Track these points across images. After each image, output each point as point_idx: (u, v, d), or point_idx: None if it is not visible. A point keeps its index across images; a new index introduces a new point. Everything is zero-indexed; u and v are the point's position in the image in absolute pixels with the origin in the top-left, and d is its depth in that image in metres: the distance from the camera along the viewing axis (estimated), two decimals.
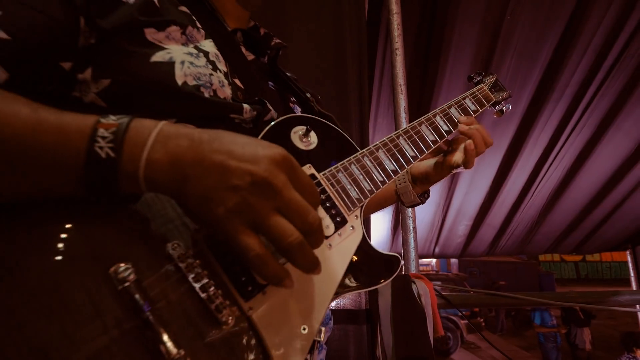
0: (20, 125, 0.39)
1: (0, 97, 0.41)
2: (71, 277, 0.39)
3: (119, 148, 0.39)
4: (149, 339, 0.40)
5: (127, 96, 0.52)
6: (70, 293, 0.39)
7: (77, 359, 0.37)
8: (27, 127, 0.39)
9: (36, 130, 0.39)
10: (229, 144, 0.42)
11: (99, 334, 0.38)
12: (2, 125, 0.38)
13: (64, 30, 0.50)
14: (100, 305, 0.39)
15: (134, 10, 0.54)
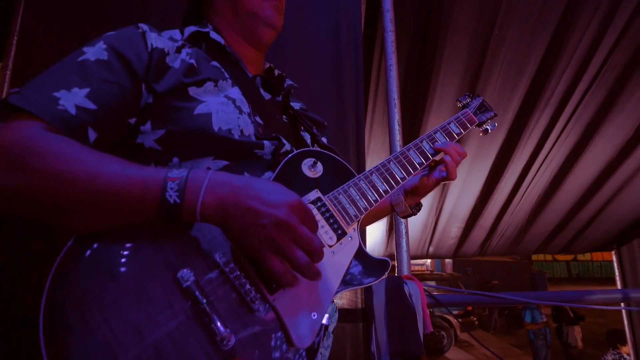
0: (116, 181, 0.56)
1: (98, 158, 0.58)
2: (152, 278, 0.57)
3: (182, 196, 0.57)
4: (205, 321, 0.56)
5: (178, 141, 0.70)
6: (152, 290, 0.56)
7: (158, 334, 0.54)
8: (121, 183, 0.56)
9: (126, 184, 0.56)
10: (259, 191, 0.59)
11: (172, 318, 0.55)
12: (102, 182, 0.55)
13: (132, 95, 0.68)
14: (172, 298, 0.56)
15: (180, 75, 0.72)
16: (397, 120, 1.70)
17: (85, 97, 0.63)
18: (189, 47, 0.79)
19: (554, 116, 2.74)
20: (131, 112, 0.69)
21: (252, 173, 0.75)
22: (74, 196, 0.55)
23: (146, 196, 0.56)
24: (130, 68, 0.68)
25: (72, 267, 0.55)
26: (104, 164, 0.57)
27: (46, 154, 0.55)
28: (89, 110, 0.63)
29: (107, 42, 0.70)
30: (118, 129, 0.69)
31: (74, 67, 0.66)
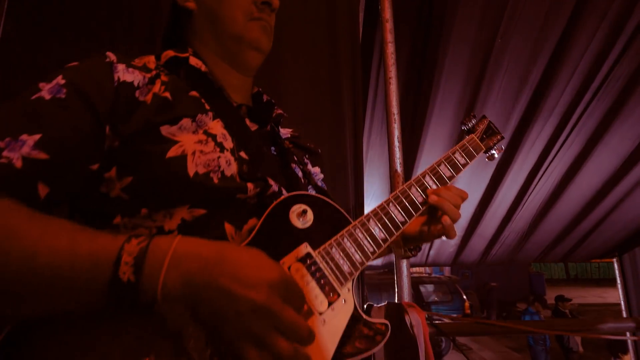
0: (59, 259, 0.47)
1: (40, 230, 0.48)
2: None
3: (140, 275, 0.47)
4: None
5: (147, 190, 0.61)
6: None
7: None
8: (65, 260, 0.47)
9: (72, 263, 0.47)
10: (233, 267, 0.50)
11: None
12: (40, 261, 0.46)
13: (93, 140, 0.59)
14: None
15: (150, 113, 0.62)
16: (397, 136, 1.62)
17: (35, 146, 0.53)
18: (165, 75, 0.70)
19: (558, 126, 2.66)
20: (93, 158, 0.60)
21: (234, 222, 0.65)
22: (7, 282, 0.46)
23: (95, 275, 0.47)
24: (93, 108, 0.59)
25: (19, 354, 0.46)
26: (45, 238, 0.47)
27: None
28: (39, 162, 0.53)
29: (67, 76, 0.60)
30: (76, 179, 0.59)
31: (25, 108, 0.56)
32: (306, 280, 0.64)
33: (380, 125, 2.67)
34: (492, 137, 1.09)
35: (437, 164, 0.91)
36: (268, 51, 0.81)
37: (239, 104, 0.80)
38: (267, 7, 0.77)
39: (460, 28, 2.14)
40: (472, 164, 0.98)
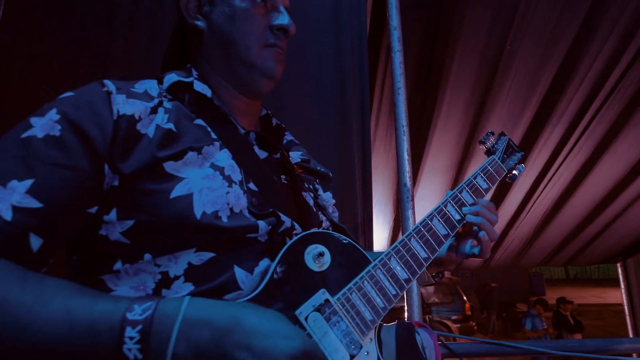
0: (55, 330, 0.42)
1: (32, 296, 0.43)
2: None
3: (146, 348, 0.42)
4: None
5: (150, 234, 0.55)
6: None
7: None
8: (61, 332, 0.42)
9: (69, 336, 0.42)
10: (249, 336, 0.44)
11: None
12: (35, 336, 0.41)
13: (91, 180, 0.53)
14: None
15: (154, 147, 0.56)
16: (407, 149, 1.56)
17: (27, 193, 0.48)
18: (168, 101, 0.64)
19: (566, 133, 2.62)
20: (91, 201, 0.54)
21: (245, 264, 0.59)
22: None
23: (96, 349, 0.42)
24: (90, 145, 0.53)
25: None
26: (39, 307, 0.42)
27: None
28: (31, 211, 0.48)
29: (62, 110, 0.54)
30: (73, 225, 0.53)
31: (14, 149, 0.50)
32: (325, 332, 0.58)
33: (385, 132, 2.63)
34: (512, 156, 1.03)
35: (459, 191, 0.85)
36: (279, 79, 0.75)
37: (247, 131, 0.73)
38: (282, 34, 0.72)
39: (469, 34, 2.09)
40: (494, 187, 0.93)
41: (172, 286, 0.55)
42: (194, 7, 0.71)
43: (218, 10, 0.70)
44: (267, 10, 0.71)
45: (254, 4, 0.69)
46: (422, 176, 2.89)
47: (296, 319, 0.58)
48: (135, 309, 0.44)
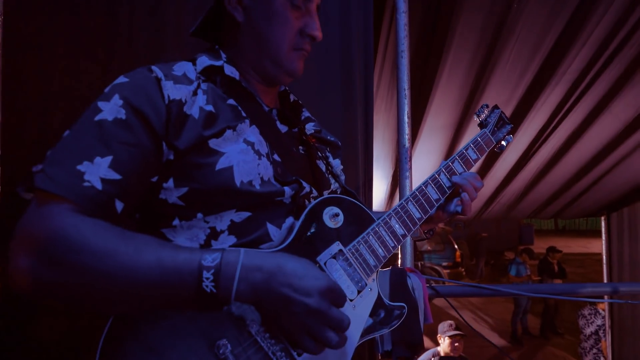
0: (151, 275, 0.59)
1: (132, 248, 0.59)
2: (190, 350, 0.62)
3: (218, 288, 0.60)
4: None
5: (201, 198, 0.71)
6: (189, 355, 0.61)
7: None
8: (157, 275, 0.59)
9: (162, 275, 0.59)
10: (290, 277, 0.63)
11: None
12: (138, 278, 0.58)
13: (153, 155, 0.68)
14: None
15: (199, 127, 0.70)
16: (407, 112, 1.66)
17: (109, 168, 0.63)
18: (203, 82, 0.76)
19: (565, 93, 2.67)
20: (153, 171, 0.69)
21: (274, 221, 0.76)
22: (112, 292, 0.59)
23: (182, 287, 0.60)
24: (150, 126, 0.67)
25: (116, 346, 0.60)
26: (138, 256, 0.59)
27: (83, 251, 0.57)
28: (114, 182, 0.63)
29: (123, 95, 0.67)
30: (142, 191, 0.69)
31: (92, 131, 0.64)
32: (339, 274, 0.77)
33: (387, 91, 2.67)
34: (502, 128, 1.15)
35: (451, 161, 0.98)
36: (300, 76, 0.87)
37: (270, 109, 0.87)
38: (310, 39, 0.81)
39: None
40: (482, 158, 1.05)
41: (219, 238, 0.72)
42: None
43: (258, 7, 0.79)
44: (302, 15, 0.79)
45: (292, 9, 0.78)
46: (422, 134, 2.98)
47: (317, 264, 0.75)
48: (207, 258, 0.61)
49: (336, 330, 0.64)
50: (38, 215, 0.59)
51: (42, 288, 0.58)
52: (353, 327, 0.75)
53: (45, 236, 0.57)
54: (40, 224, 0.58)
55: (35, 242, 0.57)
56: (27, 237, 0.58)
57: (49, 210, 0.59)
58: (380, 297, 0.82)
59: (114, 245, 0.58)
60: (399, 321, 0.83)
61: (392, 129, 2.92)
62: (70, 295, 0.59)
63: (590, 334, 4.68)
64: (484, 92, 2.65)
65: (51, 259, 0.57)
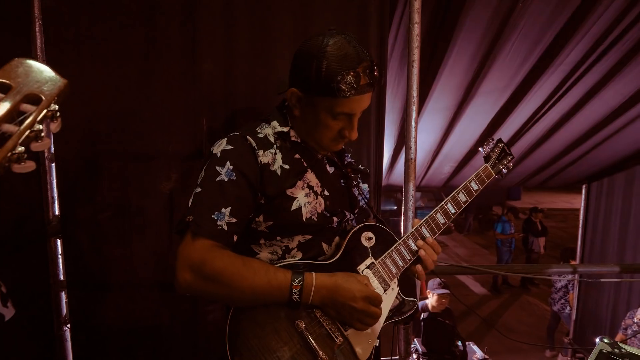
0: (265, 290, 0.98)
1: (252, 272, 0.97)
2: (279, 325, 1.02)
3: (301, 298, 1.00)
4: (311, 349, 1.02)
5: (280, 228, 1.08)
6: (281, 332, 1.01)
7: (286, 356, 0.99)
8: (268, 289, 0.98)
9: (270, 290, 0.99)
10: (344, 291, 1.02)
11: (293, 347, 1.01)
12: (258, 292, 0.98)
13: (252, 202, 1.03)
14: (292, 337, 1.02)
15: (281, 183, 1.03)
16: (415, 118, 1.87)
17: (230, 215, 0.99)
18: (277, 141, 1.07)
19: (561, 82, 2.85)
20: (252, 212, 1.06)
21: (327, 241, 1.12)
22: (241, 300, 0.97)
23: (281, 297, 0.99)
24: (251, 184, 1.02)
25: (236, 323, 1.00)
26: (255, 277, 0.95)
27: (225, 275, 0.95)
28: (233, 224, 1.00)
29: (233, 162, 0.99)
30: (245, 226, 1.03)
31: (216, 189, 0.98)
32: (372, 279, 1.13)
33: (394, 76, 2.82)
34: (504, 160, 1.40)
35: (456, 192, 1.26)
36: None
37: (322, 156, 1.19)
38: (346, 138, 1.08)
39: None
40: (482, 188, 1.32)
41: (290, 252, 1.07)
42: (295, 99, 1.05)
43: (308, 113, 1.05)
44: (342, 120, 1.04)
45: (333, 119, 1.03)
46: (424, 114, 3.18)
47: (356, 272, 1.11)
48: (295, 280, 0.96)
49: (374, 318, 1.05)
50: (195, 248, 0.95)
51: (198, 293, 0.97)
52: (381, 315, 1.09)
53: (202, 263, 0.94)
54: (198, 254, 0.94)
55: (196, 266, 0.94)
56: (189, 261, 0.94)
57: (202, 245, 0.95)
58: (399, 294, 1.16)
59: (242, 270, 0.96)
60: (411, 311, 1.17)
61: (397, 109, 3.11)
62: (214, 298, 1.04)
63: (561, 287, 5.27)
64: (485, 79, 2.82)
65: (205, 277, 0.94)
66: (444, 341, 2.96)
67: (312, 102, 1.02)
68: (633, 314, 3.47)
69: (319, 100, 1.00)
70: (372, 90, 1.02)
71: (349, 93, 0.96)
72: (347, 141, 1.10)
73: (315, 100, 1.01)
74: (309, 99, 1.02)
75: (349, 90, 0.95)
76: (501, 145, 1.38)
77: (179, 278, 0.94)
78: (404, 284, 1.19)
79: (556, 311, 5.34)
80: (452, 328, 3.05)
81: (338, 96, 0.96)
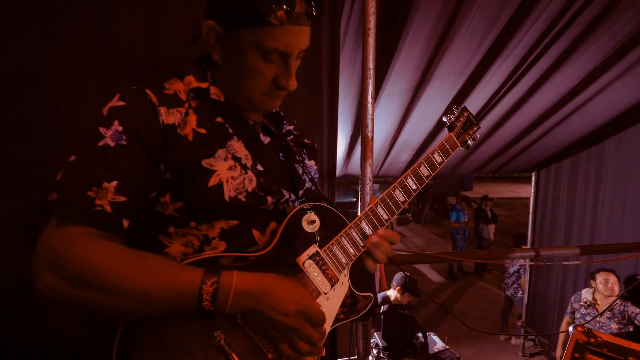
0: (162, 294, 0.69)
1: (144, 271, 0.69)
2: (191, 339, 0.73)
3: (215, 307, 0.71)
4: None
5: (194, 211, 0.78)
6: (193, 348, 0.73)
7: None
8: (165, 295, 0.69)
9: (169, 297, 0.69)
10: (274, 301, 0.74)
11: None
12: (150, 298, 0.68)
13: (152, 175, 0.74)
14: (208, 353, 0.73)
15: (193, 149, 0.75)
16: (371, 93, 1.69)
17: (117, 192, 0.69)
18: (193, 100, 0.81)
19: (515, 66, 2.82)
20: (152, 189, 0.76)
21: (259, 227, 0.85)
22: (128, 310, 0.69)
23: (186, 305, 0.70)
24: (149, 151, 0.73)
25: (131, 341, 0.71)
26: (148, 279, 0.68)
27: (100, 275, 0.66)
28: (121, 204, 0.70)
29: (123, 122, 0.72)
30: (143, 207, 0.75)
31: (97, 157, 0.70)
32: (315, 272, 0.88)
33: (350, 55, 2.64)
34: (469, 130, 1.23)
35: (417, 165, 1.05)
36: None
37: (254, 123, 0.92)
38: (283, 89, 0.83)
39: None
40: (447, 161, 1.14)
41: (211, 244, 0.80)
42: (213, 39, 0.79)
43: (231, 56, 0.79)
44: (276, 65, 0.79)
45: (264, 60, 0.78)
46: (380, 99, 3.03)
47: (296, 264, 0.86)
48: (207, 282, 0.70)
49: (308, 343, 0.77)
50: (59, 239, 0.66)
51: (65, 300, 0.67)
52: (326, 317, 0.87)
53: (69, 259, 0.65)
54: (63, 247, 0.66)
55: (60, 264, 0.65)
56: (51, 258, 0.66)
57: (70, 234, 0.66)
58: (350, 288, 0.94)
59: (128, 269, 0.68)
60: (366, 309, 0.96)
61: (353, 93, 2.93)
62: (89, 307, 0.68)
63: (513, 272, 5.44)
64: (442, 61, 2.72)
65: (74, 280, 0.65)
66: (405, 334, 2.85)
67: (235, 39, 0.76)
68: (579, 296, 3.59)
69: (244, 34, 0.75)
70: (309, 26, 0.78)
71: (281, 20, 0.72)
72: (284, 94, 0.86)
73: (240, 35, 0.76)
74: (232, 35, 0.77)
75: (280, 15, 0.72)
76: (466, 113, 1.21)
77: (36, 281, 0.66)
78: (357, 276, 0.98)
79: (509, 295, 5.51)
80: (412, 320, 2.95)
81: (268, 23, 0.72)
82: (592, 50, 2.78)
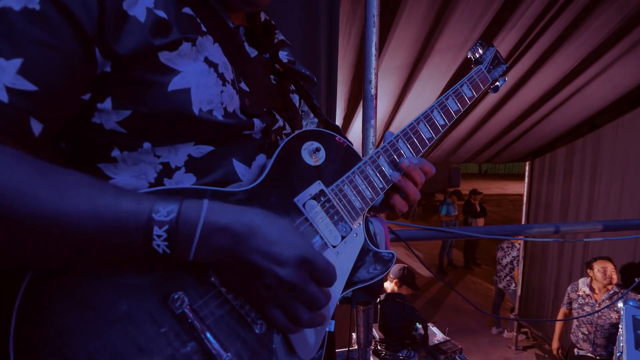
0: (85, 229, 0.44)
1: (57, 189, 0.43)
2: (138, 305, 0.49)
3: (172, 245, 0.47)
4: (204, 348, 0.51)
5: (149, 125, 0.54)
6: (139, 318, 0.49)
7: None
8: (93, 229, 0.44)
9: (98, 230, 0.45)
10: (262, 242, 0.50)
11: (165, 346, 0.49)
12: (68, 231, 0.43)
13: (82, 64, 0.49)
14: (163, 325, 0.50)
15: (146, 34, 0.52)
16: (375, 43, 1.51)
17: (19, 74, 0.45)
18: None
19: (519, 40, 2.69)
20: (84, 87, 0.51)
21: (243, 158, 0.63)
22: (37, 251, 0.44)
23: (126, 244, 0.46)
24: (76, 23, 0.47)
25: (39, 303, 0.45)
26: (67, 200, 0.44)
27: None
28: (27, 93, 0.45)
29: None
30: (69, 111, 0.51)
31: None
32: (320, 217, 0.66)
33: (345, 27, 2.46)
34: (497, 67, 1.05)
35: (445, 97, 0.87)
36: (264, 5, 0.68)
37: (237, 26, 0.68)
38: None
39: None
40: (477, 96, 0.96)
41: (173, 176, 0.57)
42: None
43: None
44: None
45: None
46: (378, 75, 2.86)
47: (294, 205, 0.64)
48: (160, 210, 0.47)
49: (311, 309, 0.54)
50: None
51: None
52: (339, 274, 0.66)
53: None
54: None
55: None
56: None
57: None
58: (367, 242, 0.73)
59: (31, 184, 0.42)
60: (387, 270, 0.76)
61: (347, 68, 2.75)
62: None
63: (506, 264, 5.36)
64: (442, 34, 2.56)
65: None
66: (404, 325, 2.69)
67: None
68: (576, 286, 3.50)
69: None
70: None
71: None
72: None
73: None
74: None
75: None
76: (493, 50, 1.03)
77: None
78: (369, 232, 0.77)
79: (502, 288, 5.44)
80: (412, 310, 2.79)
81: None
82: (596, 25, 2.67)
